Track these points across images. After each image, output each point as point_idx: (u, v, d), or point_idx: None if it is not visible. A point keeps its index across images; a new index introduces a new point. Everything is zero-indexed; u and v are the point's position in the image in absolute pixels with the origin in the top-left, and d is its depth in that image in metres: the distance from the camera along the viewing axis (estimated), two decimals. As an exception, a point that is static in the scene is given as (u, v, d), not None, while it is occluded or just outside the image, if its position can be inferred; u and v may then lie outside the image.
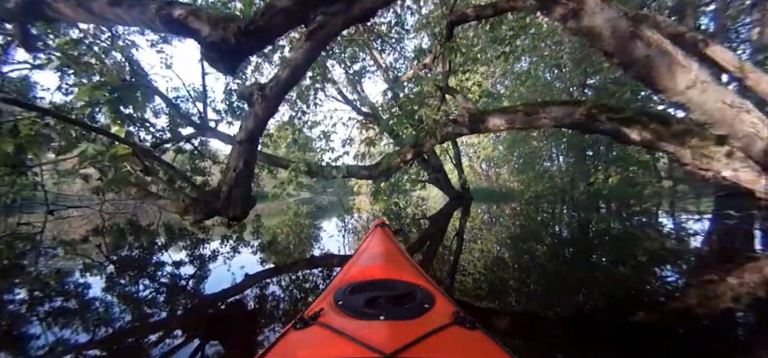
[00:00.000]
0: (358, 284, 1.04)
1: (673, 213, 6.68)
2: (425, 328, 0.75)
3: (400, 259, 1.40)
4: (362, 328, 0.77)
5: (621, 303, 2.13)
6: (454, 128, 4.40)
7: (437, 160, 10.93)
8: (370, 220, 7.00)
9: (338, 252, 3.72)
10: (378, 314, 0.83)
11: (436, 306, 0.91)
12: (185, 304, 2.25)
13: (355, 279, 1.11)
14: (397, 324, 0.79)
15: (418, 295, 0.95)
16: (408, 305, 0.90)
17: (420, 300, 0.92)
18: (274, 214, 10.74)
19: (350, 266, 1.34)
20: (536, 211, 7.46)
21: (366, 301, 0.90)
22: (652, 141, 3.37)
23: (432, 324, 0.78)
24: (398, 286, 1.02)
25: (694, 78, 2.01)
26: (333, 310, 0.90)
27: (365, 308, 0.87)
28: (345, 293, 0.97)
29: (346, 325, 0.79)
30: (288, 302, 2.16)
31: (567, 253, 3.90)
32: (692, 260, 3.52)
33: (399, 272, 1.15)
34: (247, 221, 8.64)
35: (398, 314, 0.84)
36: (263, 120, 2.64)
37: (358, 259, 1.41)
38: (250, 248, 4.28)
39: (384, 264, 1.26)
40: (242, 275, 2.77)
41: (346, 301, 0.92)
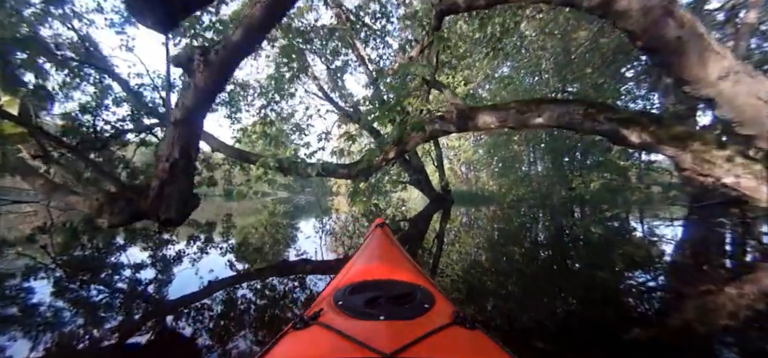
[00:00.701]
0: (358, 285, 1.02)
1: (642, 219, 6.65)
2: (425, 328, 0.74)
3: (400, 259, 1.37)
4: (361, 328, 0.75)
5: (621, 303, 2.11)
6: (441, 125, 4.03)
7: (418, 161, 10.60)
8: (348, 222, 6.59)
9: (338, 252, 3.64)
10: (378, 314, 0.82)
11: (436, 306, 0.90)
12: (183, 304, 2.15)
13: (355, 279, 1.09)
14: (397, 324, 0.78)
15: (417, 295, 0.94)
16: (408, 305, 0.88)
17: (420, 300, 0.91)
18: (248, 213, 10.10)
19: (349, 266, 1.32)
20: (521, 215, 7.28)
21: (366, 301, 0.89)
22: (651, 143, 3.12)
23: (432, 324, 0.76)
24: (397, 286, 1.00)
25: (728, 67, 1.73)
26: (333, 310, 0.88)
27: (365, 308, 0.86)
28: (344, 293, 0.96)
29: (346, 325, 0.77)
30: (288, 302, 2.13)
31: (564, 255, 3.65)
32: (671, 263, 3.33)
33: (399, 272, 1.13)
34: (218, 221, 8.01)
35: (397, 314, 0.83)
36: (206, 94, 2.05)
37: (357, 259, 1.39)
38: (246, 249, 4.02)
39: (384, 264, 1.24)
40: (242, 275, 2.69)
41: (345, 301, 0.91)
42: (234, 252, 3.84)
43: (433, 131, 4.09)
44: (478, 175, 20.00)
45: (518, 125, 3.62)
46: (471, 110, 3.85)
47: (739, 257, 3.66)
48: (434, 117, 4.11)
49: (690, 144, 3.06)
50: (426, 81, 4.00)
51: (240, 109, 8.05)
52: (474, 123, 3.82)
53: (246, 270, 2.94)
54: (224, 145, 5.25)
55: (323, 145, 3.99)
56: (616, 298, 2.33)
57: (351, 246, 4.27)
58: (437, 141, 11.65)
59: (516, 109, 3.59)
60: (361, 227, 6.17)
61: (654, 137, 3.13)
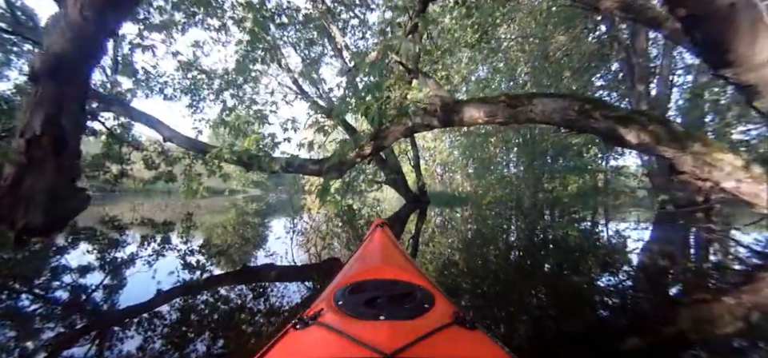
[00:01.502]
0: (358, 284, 1.00)
1: (608, 221, 6.60)
2: (425, 327, 0.73)
3: (400, 259, 1.36)
4: (361, 328, 0.74)
5: (621, 302, 2.08)
6: (424, 118, 3.60)
7: (395, 160, 10.18)
8: (319, 223, 6.06)
9: (338, 252, 3.55)
10: (378, 314, 0.80)
11: (436, 306, 0.88)
12: (181, 304, 2.10)
13: (355, 279, 1.06)
14: (397, 324, 0.77)
15: (417, 295, 0.92)
16: (408, 305, 0.87)
17: (420, 300, 0.89)
18: (217, 212, 9.28)
19: (349, 266, 1.31)
20: (504, 217, 7.03)
21: (366, 301, 0.88)
22: (649, 144, 2.84)
23: (432, 323, 0.75)
24: (397, 286, 0.99)
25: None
26: (332, 310, 0.87)
27: (365, 308, 0.84)
28: (344, 293, 0.94)
29: (346, 325, 0.76)
30: (288, 302, 2.09)
31: (558, 256, 3.50)
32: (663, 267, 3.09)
33: (399, 272, 1.11)
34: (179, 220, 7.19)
35: (397, 314, 0.81)
36: (86, 33, 1.41)
37: (357, 259, 1.38)
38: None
39: (384, 264, 1.22)
40: (242, 275, 2.64)
41: (345, 301, 0.89)
42: (205, 254, 3.46)
43: (414, 125, 3.65)
44: (453, 176, 19.91)
45: (507, 120, 3.25)
46: (457, 104, 3.44)
47: (703, 261, 3.48)
48: (417, 109, 3.67)
49: (690, 145, 2.80)
50: (408, 69, 3.55)
51: (203, 98, 7.30)
52: (459, 117, 3.42)
53: (245, 270, 2.85)
54: (177, 133, 4.56)
55: (289, 137, 3.44)
56: (616, 298, 2.26)
57: (324, 246, 3.97)
58: (414, 141, 11.30)
59: (506, 102, 3.22)
60: (333, 227, 5.67)
61: (653, 137, 2.85)
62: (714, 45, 1.45)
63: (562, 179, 8.95)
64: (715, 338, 1.73)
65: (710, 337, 1.75)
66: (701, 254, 3.62)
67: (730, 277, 2.88)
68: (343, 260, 2.70)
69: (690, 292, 2.62)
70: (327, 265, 3.08)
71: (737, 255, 3.52)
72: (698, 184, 2.86)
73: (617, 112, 2.96)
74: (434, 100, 3.49)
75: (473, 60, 10.78)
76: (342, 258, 3.21)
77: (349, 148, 2.90)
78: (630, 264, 3.31)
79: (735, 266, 3.10)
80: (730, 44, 1.38)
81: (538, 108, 3.11)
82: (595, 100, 3.04)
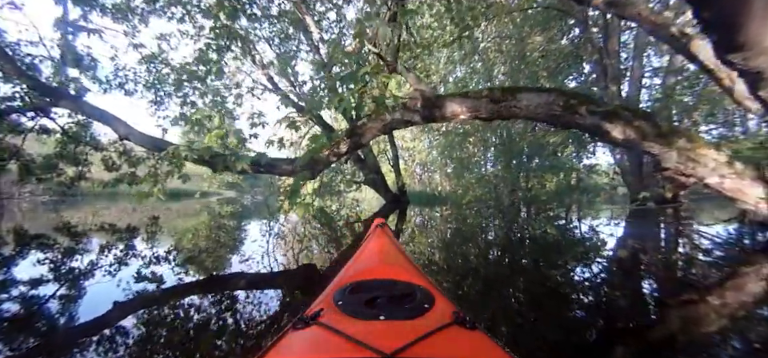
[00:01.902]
0: (358, 284, 0.99)
1: (579, 217, 6.66)
2: (425, 327, 0.72)
3: (400, 259, 1.34)
4: (361, 328, 0.74)
5: (621, 302, 2.03)
6: (403, 114, 3.37)
7: (374, 160, 9.93)
8: (297, 228, 5.71)
9: (338, 252, 3.48)
10: (378, 314, 0.80)
11: (436, 306, 0.88)
12: (181, 304, 2.07)
13: (355, 279, 1.06)
14: (397, 324, 0.77)
15: (417, 295, 0.91)
16: (408, 305, 0.86)
17: (420, 300, 0.89)
18: (190, 215, 8.69)
19: (349, 266, 1.28)
20: (483, 216, 6.93)
21: (366, 301, 0.87)
22: (635, 139, 2.73)
23: (432, 324, 0.75)
24: (397, 286, 0.98)
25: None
26: (332, 310, 0.86)
27: (365, 308, 0.84)
28: (344, 293, 0.93)
29: (346, 325, 0.75)
30: (288, 302, 2.06)
31: (554, 253, 3.38)
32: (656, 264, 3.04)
33: (399, 272, 1.10)
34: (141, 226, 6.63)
35: (397, 314, 0.81)
36: None
37: (357, 259, 1.36)
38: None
39: (384, 264, 1.21)
40: (242, 275, 2.62)
41: (345, 301, 0.89)
42: (184, 258, 3.17)
43: (393, 121, 3.42)
44: (432, 176, 19.91)
45: (491, 115, 3.07)
46: (438, 98, 3.23)
47: (673, 253, 3.49)
48: (396, 104, 3.44)
49: (675, 141, 2.72)
50: (386, 62, 3.31)
51: (168, 94, 6.77)
52: (441, 112, 3.21)
53: (245, 270, 2.82)
54: (134, 131, 4.11)
55: (256, 133, 3.10)
56: (614, 296, 2.22)
57: (302, 249, 3.72)
58: (393, 140, 11.11)
59: (489, 97, 3.04)
60: (312, 229, 5.35)
61: (638, 133, 2.75)
62: (725, 27, 1.30)
63: (540, 178, 9.01)
64: (713, 335, 1.66)
65: (706, 334, 1.68)
66: (690, 250, 3.56)
67: (718, 272, 2.81)
68: (344, 260, 2.54)
69: (682, 288, 2.52)
70: (327, 265, 3.03)
71: (723, 249, 3.49)
72: (682, 180, 2.79)
73: (602, 107, 2.84)
74: (415, 94, 3.27)
75: (451, 60, 10.73)
76: (343, 258, 3.10)
77: (322, 144, 2.61)
78: (623, 262, 3.22)
79: (721, 261, 3.04)
80: (741, 25, 1.24)
81: (523, 103, 2.95)
82: (581, 95, 2.92)
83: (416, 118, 3.31)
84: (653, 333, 1.67)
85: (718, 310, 2.05)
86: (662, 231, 4.94)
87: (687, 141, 2.68)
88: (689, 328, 1.76)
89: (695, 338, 1.64)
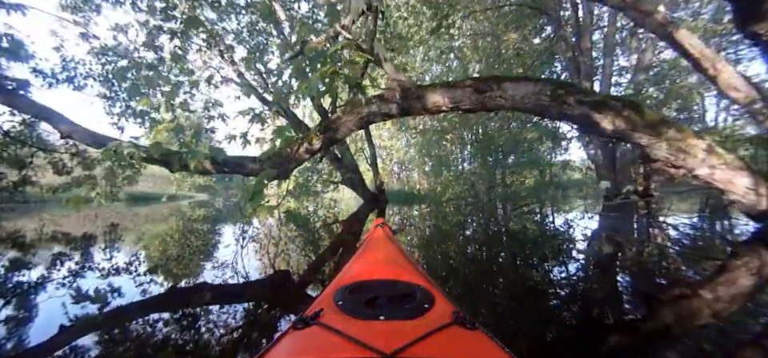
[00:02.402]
0: (358, 284, 0.99)
1: (565, 213, 6.64)
2: (425, 328, 0.71)
3: (400, 259, 1.32)
4: (361, 328, 0.74)
5: (622, 302, 1.97)
6: (381, 106, 3.07)
7: (351, 159, 9.58)
8: (272, 232, 5.30)
9: (338, 252, 3.40)
10: (378, 314, 0.79)
11: (436, 306, 0.87)
12: (181, 304, 2.00)
13: (355, 279, 1.05)
14: (397, 324, 0.76)
15: (417, 295, 0.91)
16: (408, 305, 0.86)
17: (420, 300, 0.88)
18: (158, 221, 7.98)
19: (349, 266, 1.28)
20: (464, 213, 6.76)
21: (366, 301, 0.87)
22: (624, 130, 2.58)
23: (432, 324, 0.74)
24: (397, 286, 0.97)
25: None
26: (333, 310, 0.86)
27: (365, 309, 0.83)
28: (344, 293, 0.93)
29: (346, 325, 0.75)
30: (288, 302, 2.01)
31: (565, 258, 3.12)
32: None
33: (399, 272, 1.09)
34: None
35: (397, 314, 0.80)
36: None
37: (357, 259, 1.35)
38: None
39: (384, 264, 1.21)
40: (242, 275, 2.57)
41: (345, 301, 0.88)
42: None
43: (370, 114, 3.12)
44: (411, 175, 19.77)
45: (474, 106, 2.83)
46: (419, 89, 2.96)
47: (663, 246, 3.38)
48: (373, 98, 3.14)
49: (665, 131, 2.59)
50: (361, 48, 2.99)
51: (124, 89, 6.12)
52: (421, 103, 2.94)
53: (244, 270, 2.79)
54: (78, 128, 3.57)
55: (213, 127, 2.69)
56: (609, 294, 2.13)
57: (278, 253, 3.52)
58: (370, 138, 10.80)
59: (473, 87, 2.80)
60: (289, 232, 4.96)
61: (628, 124, 2.59)
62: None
63: (518, 174, 9.02)
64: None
65: (702, 327, 1.63)
66: (679, 243, 3.50)
67: (709, 265, 2.71)
68: (344, 260, 2.54)
69: (677, 282, 2.41)
70: (327, 265, 2.95)
71: (709, 242, 3.44)
72: (671, 172, 2.66)
73: (592, 96, 2.67)
74: (393, 85, 2.98)
75: (427, 58, 10.57)
76: (343, 258, 3.01)
77: (287, 138, 2.24)
78: (613, 257, 3.08)
79: (711, 254, 2.96)
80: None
81: (508, 93, 2.73)
82: (568, 84, 2.74)
83: (394, 110, 3.03)
84: (650, 328, 1.60)
85: (711, 303, 1.95)
86: (646, 224, 4.91)
87: (676, 131, 2.55)
88: (684, 322, 1.68)
89: (691, 331, 1.58)
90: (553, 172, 11.19)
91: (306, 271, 2.79)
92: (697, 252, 3.06)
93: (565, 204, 8.29)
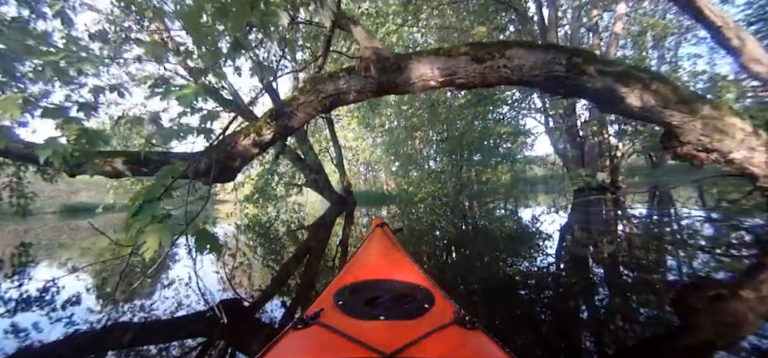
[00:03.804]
0: (358, 284, 0.97)
1: (533, 207, 6.34)
2: (425, 327, 0.70)
3: (400, 259, 1.27)
4: (362, 328, 0.72)
5: (622, 302, 1.73)
6: (351, 83, 2.31)
7: (315, 159, 8.67)
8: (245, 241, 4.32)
9: (338, 252, 3.22)
10: (378, 314, 0.78)
11: (436, 306, 0.85)
12: (181, 304, 1.92)
13: (355, 279, 1.03)
14: (397, 324, 0.75)
15: (418, 295, 0.89)
16: (408, 305, 0.84)
17: (420, 300, 0.86)
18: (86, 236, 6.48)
19: (350, 266, 1.25)
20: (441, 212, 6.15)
21: (366, 301, 0.85)
22: (654, 107, 2.04)
23: (432, 323, 0.73)
24: (398, 286, 0.95)
25: None
26: (333, 310, 0.84)
27: (365, 308, 0.82)
28: (345, 293, 0.91)
29: (346, 325, 0.73)
30: (288, 302, 1.95)
31: (559, 254, 2.83)
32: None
33: (399, 272, 1.07)
34: None
35: (398, 314, 0.79)
36: None
37: (358, 259, 1.32)
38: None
39: (384, 264, 1.19)
40: (242, 275, 2.50)
41: (346, 301, 0.86)
42: None
43: (337, 94, 2.34)
44: (377, 175, 19.09)
45: (472, 80, 2.17)
46: (399, 59, 2.24)
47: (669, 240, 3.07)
48: (340, 72, 2.37)
49: (699, 109, 2.09)
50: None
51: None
52: (403, 78, 2.22)
53: (245, 270, 2.64)
54: None
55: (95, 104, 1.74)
56: (621, 295, 1.90)
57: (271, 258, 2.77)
58: (335, 137, 9.94)
59: (471, 55, 2.14)
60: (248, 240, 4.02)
61: (658, 99, 2.05)
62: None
63: (494, 170, 8.67)
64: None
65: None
66: (692, 239, 3.16)
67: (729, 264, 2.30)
68: (344, 260, 2.38)
69: (701, 280, 1.97)
70: (327, 265, 2.80)
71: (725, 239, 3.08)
72: (700, 157, 2.18)
73: (615, 66, 2.11)
74: (367, 53, 2.23)
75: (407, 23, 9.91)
76: (343, 258, 2.92)
77: (186, 94, 1.36)
78: (612, 254, 2.70)
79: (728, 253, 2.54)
80: None
81: (515, 61, 2.10)
82: (585, 51, 2.17)
83: (368, 87, 2.28)
84: (689, 337, 1.36)
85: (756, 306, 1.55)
86: (630, 217, 4.61)
87: (712, 109, 2.06)
88: (724, 326, 1.41)
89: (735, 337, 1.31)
90: (519, 169, 11.05)
91: (306, 271, 2.66)
92: (705, 247, 2.64)
93: (539, 199, 8.03)
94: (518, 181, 9.38)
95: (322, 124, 11.75)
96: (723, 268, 2.11)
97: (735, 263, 2.21)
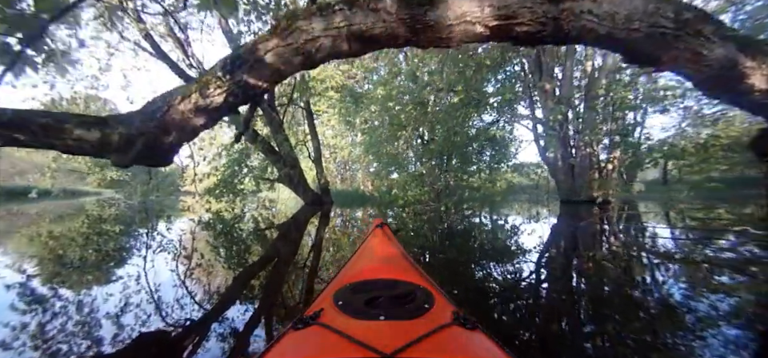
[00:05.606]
0: (358, 284, 0.92)
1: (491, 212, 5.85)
2: (425, 328, 0.67)
3: (400, 259, 1.23)
4: (361, 328, 0.68)
5: (621, 302, 1.76)
6: (352, 22, 1.48)
7: (290, 151, 7.67)
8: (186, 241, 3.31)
9: (338, 252, 3.10)
10: (378, 314, 0.73)
11: (436, 306, 0.80)
12: (181, 304, 1.83)
13: (355, 279, 0.98)
14: (397, 324, 0.71)
15: (418, 295, 0.84)
16: (408, 305, 0.79)
17: (420, 300, 0.81)
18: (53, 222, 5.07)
19: (350, 266, 1.19)
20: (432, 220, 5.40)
21: (366, 301, 0.79)
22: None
23: (432, 324, 0.69)
24: (398, 286, 0.90)
25: None
26: (333, 310, 0.79)
27: (365, 308, 0.77)
28: (345, 293, 0.86)
29: (346, 325, 0.69)
30: (288, 302, 1.87)
31: (558, 253, 2.88)
32: None
33: (399, 272, 1.02)
34: None
35: (398, 314, 0.74)
36: None
37: (358, 259, 1.26)
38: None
39: (384, 264, 1.14)
40: (241, 275, 2.44)
41: (345, 301, 0.81)
42: None
43: (331, 36, 1.50)
44: (354, 175, 18.17)
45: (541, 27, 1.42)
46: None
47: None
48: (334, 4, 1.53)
49: None
50: None
51: None
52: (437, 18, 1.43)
53: (244, 270, 2.58)
54: None
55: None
56: (621, 295, 1.84)
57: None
58: (314, 129, 9.00)
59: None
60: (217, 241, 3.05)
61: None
62: None
63: (488, 176, 8.10)
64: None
65: None
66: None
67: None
68: (344, 259, 1.87)
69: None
70: (327, 265, 2.67)
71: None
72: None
73: (735, 32, 1.44)
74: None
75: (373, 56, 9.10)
76: (343, 258, 2.64)
77: None
78: (614, 261, 2.65)
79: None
80: None
81: (604, 7, 1.37)
82: (696, 8, 1.47)
83: (379, 29, 1.45)
84: (651, 334, 1.32)
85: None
86: (624, 228, 4.18)
87: None
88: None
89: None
90: (509, 178, 10.56)
91: (306, 271, 2.58)
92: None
93: (526, 209, 7.53)
94: (511, 189, 8.90)
95: (299, 117, 10.73)
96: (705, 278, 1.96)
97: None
